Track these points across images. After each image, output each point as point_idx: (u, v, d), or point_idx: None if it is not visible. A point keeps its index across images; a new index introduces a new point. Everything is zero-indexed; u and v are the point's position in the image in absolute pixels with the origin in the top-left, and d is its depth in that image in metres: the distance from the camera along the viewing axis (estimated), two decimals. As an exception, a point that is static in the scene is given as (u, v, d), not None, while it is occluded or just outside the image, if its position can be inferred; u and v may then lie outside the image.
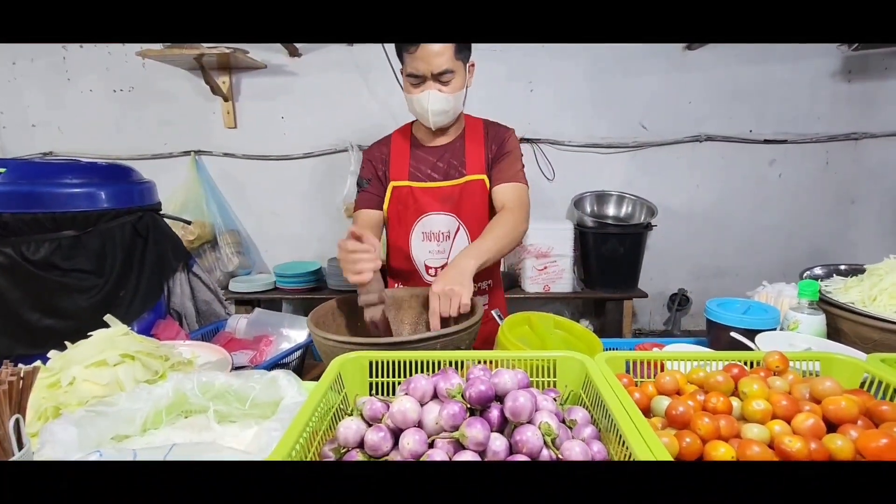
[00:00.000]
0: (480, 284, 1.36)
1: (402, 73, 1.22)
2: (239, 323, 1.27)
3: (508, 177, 1.27)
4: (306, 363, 1.25)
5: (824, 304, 1.01)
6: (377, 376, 0.74)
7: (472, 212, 1.30)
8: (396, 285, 1.39)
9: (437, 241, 1.32)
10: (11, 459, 0.58)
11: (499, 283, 1.45)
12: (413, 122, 1.36)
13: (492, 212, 1.31)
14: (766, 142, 2.60)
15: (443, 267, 1.33)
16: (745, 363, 0.76)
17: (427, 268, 1.34)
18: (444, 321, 0.97)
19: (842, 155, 2.61)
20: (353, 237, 1.01)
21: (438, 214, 1.30)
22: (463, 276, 0.99)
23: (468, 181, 1.28)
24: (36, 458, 0.54)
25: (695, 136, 2.60)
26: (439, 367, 0.74)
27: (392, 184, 1.30)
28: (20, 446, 0.62)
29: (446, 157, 1.30)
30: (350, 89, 2.57)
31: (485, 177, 1.28)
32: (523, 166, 1.32)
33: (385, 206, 1.32)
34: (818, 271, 1.16)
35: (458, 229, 1.31)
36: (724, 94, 2.56)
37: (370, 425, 0.61)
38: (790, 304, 1.05)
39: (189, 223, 1.67)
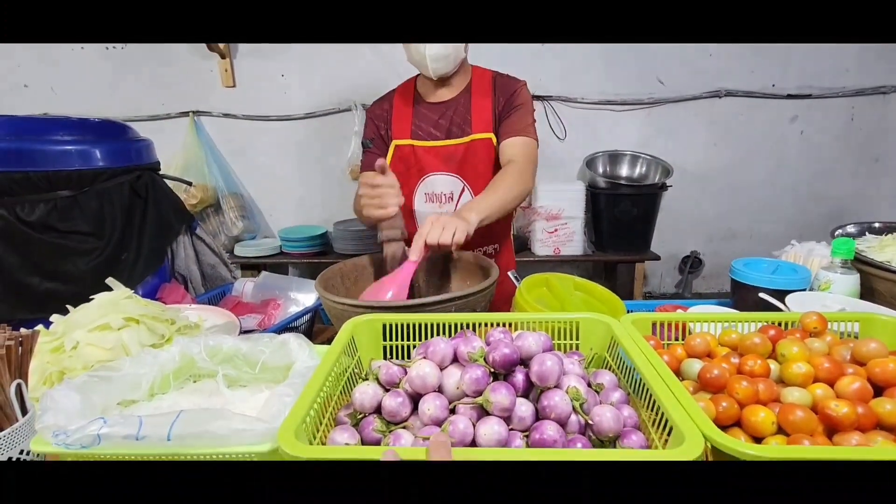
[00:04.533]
0: (486, 248, 1.31)
1: None
2: (246, 287, 1.23)
3: (517, 131, 1.19)
4: (315, 327, 1.23)
5: (858, 262, 0.96)
6: (391, 339, 0.71)
7: (477, 172, 1.23)
8: None
9: (439, 202, 1.26)
10: (16, 425, 0.56)
11: (509, 246, 1.40)
12: (417, 77, 1.28)
13: (497, 169, 1.24)
14: (790, 97, 2.47)
15: None
16: (780, 324, 0.72)
17: None
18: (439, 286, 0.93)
19: (869, 110, 2.49)
20: (377, 170, 0.98)
21: (441, 175, 1.24)
22: (463, 220, 0.94)
23: (473, 140, 1.21)
24: (37, 425, 0.52)
25: (714, 91, 2.47)
26: (456, 330, 0.70)
27: (394, 142, 1.24)
28: (24, 412, 0.60)
29: (449, 115, 1.23)
30: (352, 46, 2.44)
31: (492, 135, 1.21)
32: (534, 121, 1.24)
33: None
34: (851, 229, 1.10)
35: (463, 190, 1.25)
36: (745, 47, 2.41)
37: (387, 390, 0.58)
38: (821, 264, 1.00)
39: (191, 184, 1.61)
